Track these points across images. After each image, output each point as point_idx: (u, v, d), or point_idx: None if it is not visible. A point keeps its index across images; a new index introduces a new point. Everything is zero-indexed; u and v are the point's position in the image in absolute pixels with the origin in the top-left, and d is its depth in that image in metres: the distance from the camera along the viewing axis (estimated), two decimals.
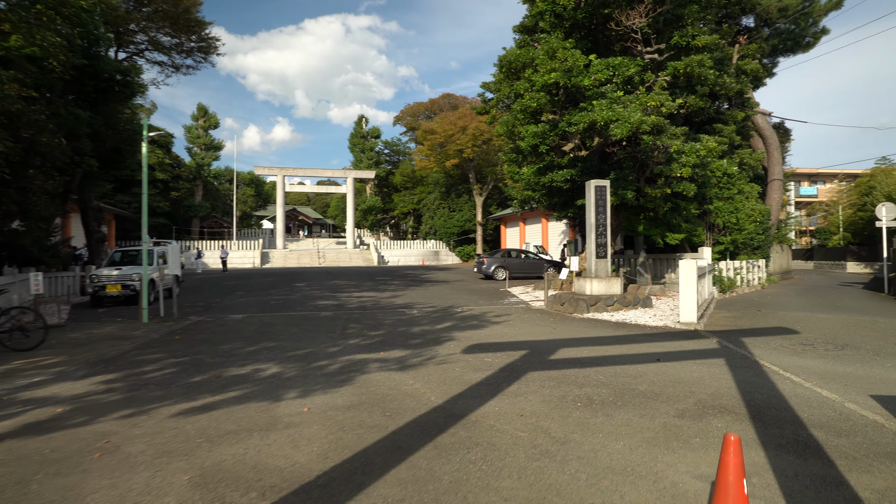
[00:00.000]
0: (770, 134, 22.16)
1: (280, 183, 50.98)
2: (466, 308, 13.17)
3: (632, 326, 9.89)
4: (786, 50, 25.74)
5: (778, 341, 8.09)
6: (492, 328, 9.74)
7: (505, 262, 24.13)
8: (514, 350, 7.51)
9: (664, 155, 13.63)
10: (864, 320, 10.45)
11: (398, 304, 14.30)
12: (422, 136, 49.07)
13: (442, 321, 10.78)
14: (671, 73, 13.05)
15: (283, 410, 4.70)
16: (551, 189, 16.58)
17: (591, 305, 11.95)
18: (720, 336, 8.58)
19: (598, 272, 12.80)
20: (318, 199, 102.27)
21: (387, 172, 63.43)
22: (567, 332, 9.18)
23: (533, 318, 11.15)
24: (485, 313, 12.04)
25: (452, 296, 16.54)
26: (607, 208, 12.83)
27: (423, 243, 53.01)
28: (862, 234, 37.60)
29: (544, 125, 14.69)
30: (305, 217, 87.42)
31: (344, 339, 8.66)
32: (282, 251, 48.71)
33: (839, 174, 51.90)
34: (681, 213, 15.06)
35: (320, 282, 22.77)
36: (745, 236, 17.91)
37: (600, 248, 12.82)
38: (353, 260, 48.30)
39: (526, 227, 41.97)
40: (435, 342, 8.27)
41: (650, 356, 7.01)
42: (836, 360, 6.77)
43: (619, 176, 14.12)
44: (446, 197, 53.56)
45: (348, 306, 13.68)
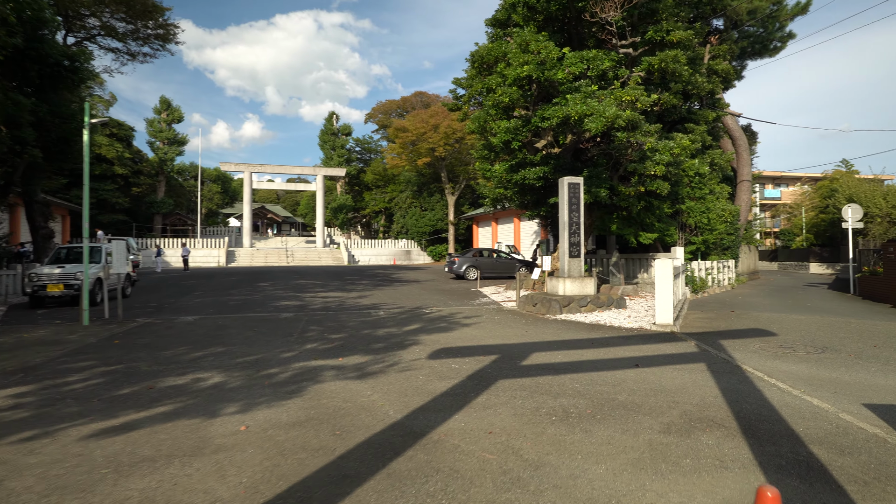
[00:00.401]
0: (740, 135, 22.30)
1: (247, 180, 49.56)
2: (436, 309, 12.63)
3: (607, 328, 9.50)
4: (754, 53, 26.02)
5: (757, 344, 7.80)
6: (461, 331, 9.23)
7: (476, 262, 23.68)
8: (484, 355, 7.00)
9: (638, 153, 13.35)
10: (837, 321, 10.32)
11: (365, 304, 13.66)
12: (393, 133, 48.35)
13: (409, 323, 10.21)
14: (645, 69, 12.77)
15: (217, 429, 4.07)
16: (524, 187, 16.18)
17: (564, 306, 11.55)
18: (697, 338, 8.25)
19: (571, 272, 12.42)
20: (288, 197, 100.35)
21: (358, 170, 62.41)
22: (540, 335, 8.72)
23: (504, 320, 10.68)
24: (454, 314, 11.52)
25: (422, 296, 15.97)
26: (581, 206, 12.47)
27: (395, 242, 52.30)
28: (824, 235, 38.52)
29: (517, 121, 14.27)
30: (274, 215, 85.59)
31: (301, 343, 8.01)
32: (248, 250, 47.33)
33: (802, 177, 53.26)
34: (654, 212, 14.84)
35: (285, 281, 21.91)
36: (715, 236, 17.87)
37: (574, 247, 12.44)
38: (323, 259, 47.27)
39: (498, 226, 41.72)
40: (399, 346, 7.70)
41: (628, 361, 6.59)
42: (818, 364, 6.47)
43: (593, 173, 13.79)
44: (418, 196, 52.95)
45: (311, 307, 12.98)
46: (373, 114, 62.10)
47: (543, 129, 13.71)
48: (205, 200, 66.78)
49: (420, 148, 46.65)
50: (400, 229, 53.52)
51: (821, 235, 38.92)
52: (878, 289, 15.22)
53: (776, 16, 23.52)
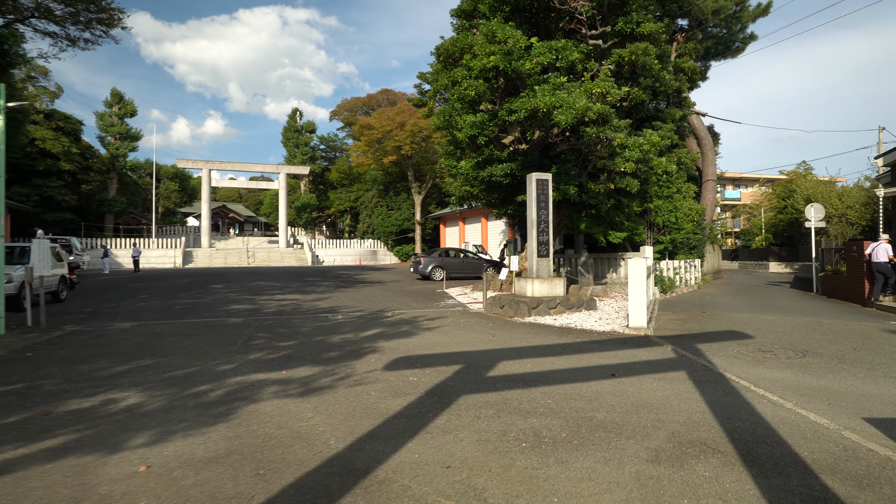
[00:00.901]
0: (705, 135, 22.34)
1: (205, 177, 47.70)
2: (398, 312, 11.91)
3: (578, 332, 8.98)
4: (717, 54, 26.24)
5: (735, 347, 7.38)
6: (423, 336, 8.54)
7: (443, 262, 23.04)
8: (447, 364, 6.33)
9: (607, 149, 12.95)
10: (809, 322, 10.08)
11: (322, 307, 12.83)
12: (359, 131, 47.31)
13: (367, 328, 9.46)
14: (615, 62, 12.36)
15: (109, 471, 3.27)
16: (490, 184, 15.63)
17: (533, 308, 11.00)
18: (673, 342, 7.79)
19: (539, 272, 11.90)
20: (251, 196, 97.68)
21: (322, 169, 60.98)
22: (508, 341, 8.12)
23: (470, 324, 10.05)
24: (417, 318, 10.82)
25: (385, 298, 15.22)
26: (549, 204, 11.96)
27: (361, 242, 51.24)
28: (782, 235, 39.45)
29: (483, 115, 13.68)
30: (236, 215, 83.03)
31: (245, 352, 7.18)
32: (207, 250, 45.53)
33: (760, 179, 54.69)
34: (623, 210, 14.49)
35: (242, 283, 20.79)
36: (683, 236, 17.72)
37: (542, 246, 11.92)
38: (286, 260, 45.87)
39: (465, 226, 41.21)
40: (354, 355, 6.96)
41: (603, 370, 6.03)
42: (803, 370, 6.06)
43: (562, 170, 13.32)
44: (384, 195, 52.02)
45: (264, 311, 12.08)
46: (338, 111, 60.72)
47: (511, 123, 13.17)
48: (161, 199, 64.22)
49: (386, 146, 45.78)
50: (366, 229, 52.48)
51: (779, 235, 39.86)
52: (840, 287, 15.28)
53: (739, 16, 23.71)
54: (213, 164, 48.33)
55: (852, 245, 14.52)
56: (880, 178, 17.65)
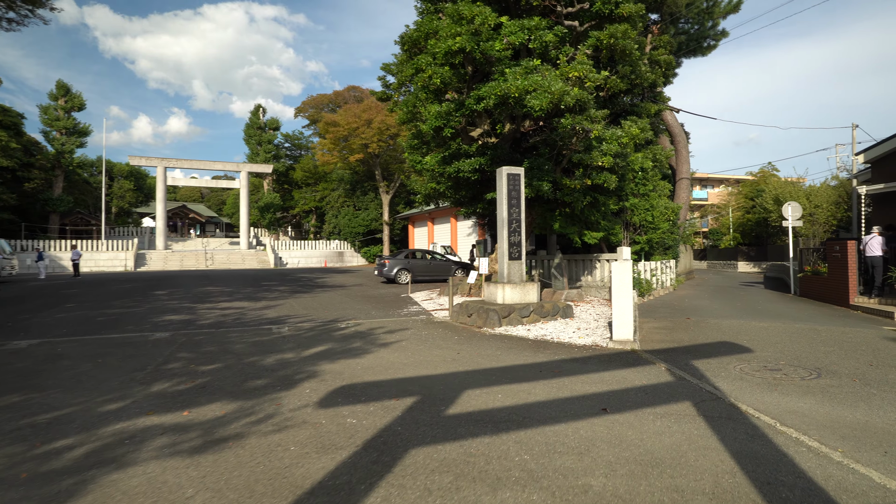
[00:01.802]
0: (679, 132, 21.70)
1: (160, 175, 45.34)
2: (354, 322, 10.61)
3: (555, 346, 7.86)
4: (689, 51, 25.74)
5: (736, 364, 6.37)
6: (377, 354, 7.28)
7: (409, 264, 21.77)
8: (399, 396, 5.10)
9: (583, 142, 11.92)
10: (803, 329, 9.21)
11: (269, 318, 11.42)
12: (324, 128, 45.60)
13: (314, 344, 8.14)
14: (593, 45, 11.34)
15: None
16: (458, 181, 14.47)
17: (504, 317, 9.85)
18: (665, 359, 6.74)
19: (511, 277, 10.77)
20: (213, 195, 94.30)
21: (287, 168, 58.86)
22: (475, 359, 6.93)
23: (433, 336, 8.83)
24: (374, 330, 9.55)
25: (343, 305, 13.87)
26: (521, 201, 10.84)
27: (327, 244, 49.49)
28: (750, 235, 39.55)
29: (449, 104, 12.48)
30: (197, 215, 79.77)
31: (150, 381, 5.79)
32: (162, 252, 43.17)
33: (728, 179, 55.16)
34: (600, 208, 13.51)
35: (190, 289, 19.09)
36: (659, 235, 16.91)
37: (514, 247, 10.80)
38: (247, 262, 43.84)
39: (435, 226, 40.02)
40: (286, 384, 5.66)
41: (591, 402, 4.90)
42: (827, 397, 5.05)
43: (535, 164, 12.24)
44: (351, 195, 50.40)
45: (200, 323, 10.60)
46: (303, 108, 58.64)
47: (479, 113, 12.02)
48: (115, 199, 61.00)
49: (352, 144, 44.23)
50: (332, 230, 50.73)
51: (747, 235, 39.96)
52: (820, 289, 14.66)
53: (711, 11, 23.20)
54: (169, 161, 45.96)
55: (833, 245, 13.88)
56: (858, 176, 17.23)
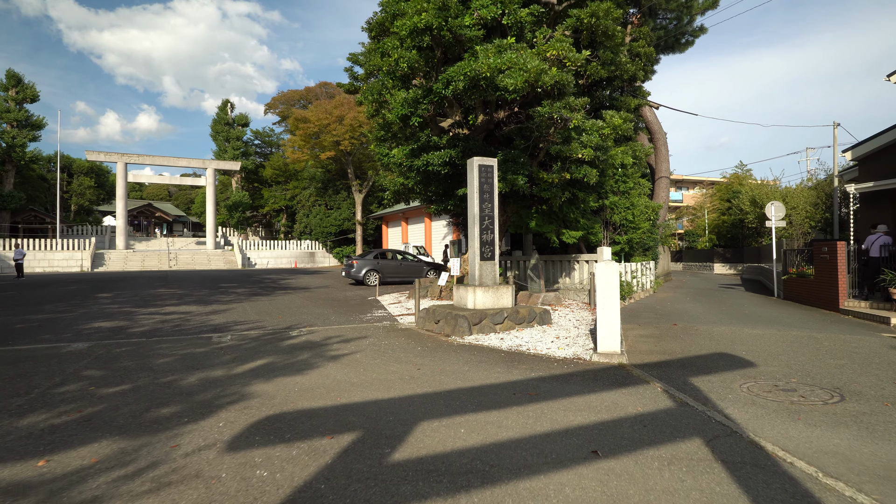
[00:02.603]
0: (658, 129, 21.03)
1: (121, 171, 43.28)
2: (308, 330, 9.45)
3: (531, 359, 6.85)
4: (666, 47, 25.19)
5: (742, 382, 5.45)
6: (323, 371, 6.17)
7: (378, 265, 20.62)
8: (335, 432, 4.01)
9: (562, 132, 10.99)
10: (801, 337, 8.41)
11: (214, 324, 10.18)
12: (294, 124, 44.07)
13: (254, 357, 6.98)
14: (573, 26, 10.42)
15: None
16: (427, 175, 13.41)
17: (475, 324, 8.82)
18: (659, 376, 5.79)
19: (483, 279, 9.74)
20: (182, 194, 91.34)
21: (257, 165, 56.98)
22: (437, 377, 5.88)
23: (393, 347, 7.74)
24: (328, 339, 8.41)
25: (302, 309, 12.68)
26: (494, 196, 9.84)
27: (298, 243, 47.89)
28: (726, 237, 39.40)
29: (416, 90, 11.43)
30: (164, 214, 76.94)
31: (23, 412, 4.58)
32: (122, 252, 41.12)
33: (703, 181, 55.32)
34: (579, 206, 12.60)
35: (140, 290, 17.60)
36: (640, 235, 16.12)
37: (486, 247, 9.78)
38: (213, 262, 42.05)
39: (409, 226, 38.89)
40: (199, 413, 4.51)
41: (577, 439, 3.88)
42: (864, 428, 4.13)
43: (509, 157, 11.26)
44: (323, 193, 48.88)
45: (131, 331, 9.31)
46: (273, 104, 56.94)
47: (449, 99, 10.99)
48: (74, 196, 58.28)
49: (324, 141, 42.83)
50: (303, 229, 49.16)
51: (723, 237, 39.81)
52: (807, 292, 14.03)
53: (689, 6, 22.63)
54: (130, 157, 43.89)
55: (821, 246, 13.25)
56: (843, 174, 16.75)
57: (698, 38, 25.02)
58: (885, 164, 12.99)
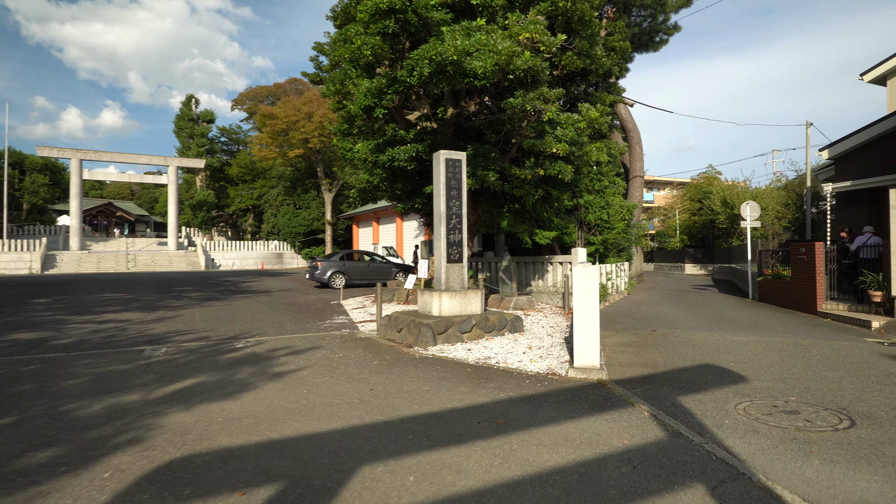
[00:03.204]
0: (633, 127, 20.63)
1: (75, 168, 41.29)
2: (256, 340, 8.53)
3: (501, 375, 6.10)
4: (640, 45, 24.88)
5: (737, 402, 4.80)
6: (259, 393, 5.30)
7: (344, 267, 19.68)
8: (251, 485, 3.18)
9: (535, 126, 10.31)
10: (785, 344, 7.88)
11: (151, 334, 9.16)
12: (261, 120, 42.63)
13: (183, 376, 6.06)
14: (547, 11, 9.73)
15: None
16: (393, 172, 12.59)
17: (440, 333, 8.04)
18: (645, 396, 5.10)
19: (450, 283, 8.97)
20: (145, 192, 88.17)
21: (223, 163, 55.09)
22: (391, 400, 5.08)
23: (348, 361, 6.90)
24: (276, 352, 7.52)
25: (257, 315, 11.71)
26: (463, 192, 9.08)
27: (266, 244, 46.37)
28: (697, 237, 39.56)
29: (380, 79, 10.60)
30: (126, 213, 74.01)
31: None
32: (76, 253, 39.08)
33: (672, 182, 55.75)
34: (552, 204, 11.95)
35: (83, 295, 16.28)
36: (614, 236, 15.60)
37: (453, 248, 9.01)
38: (174, 264, 40.30)
39: (380, 226, 37.91)
40: (85, 457, 3.62)
41: (554, 488, 3.13)
42: (885, 464, 3.49)
43: (479, 152, 10.53)
44: (292, 192, 47.50)
45: (52, 344, 8.23)
46: (240, 100, 55.09)
47: (414, 88, 10.19)
48: (27, 194, 55.41)
49: (292, 138, 41.56)
50: (271, 230, 47.69)
51: (694, 237, 39.97)
52: (783, 294, 13.70)
53: (664, 3, 22.32)
54: (85, 153, 41.89)
55: (799, 247, 12.91)
56: (819, 173, 16.55)
57: (672, 37, 24.82)
58: (863, 162, 12.72)
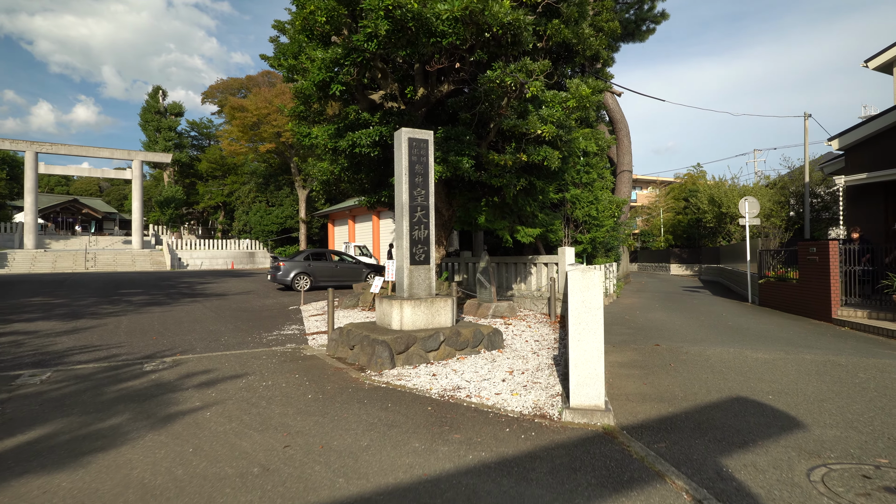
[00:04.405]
0: (621, 118, 19.29)
1: (30, 161, 38.81)
2: (174, 360, 6.86)
3: (471, 419, 4.54)
4: (626, 34, 23.66)
5: (808, 468, 3.35)
6: (125, 453, 3.68)
7: (309, 268, 17.97)
8: None
9: (517, 105, 8.80)
10: (821, 363, 6.48)
11: (48, 351, 7.42)
12: (230, 113, 40.60)
13: (36, 420, 4.39)
14: None
15: None
16: (356, 160, 10.99)
17: (399, 353, 6.46)
18: (673, 457, 3.61)
19: (414, 289, 7.40)
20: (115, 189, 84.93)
21: (192, 158, 52.68)
22: (306, 470, 3.50)
23: (274, 394, 5.29)
24: (188, 379, 5.87)
25: (194, 325, 10.01)
26: (430, 179, 7.52)
27: (238, 243, 44.21)
28: (682, 237, 38.58)
29: (335, 48, 8.99)
30: (92, 211, 70.78)
31: None
32: (31, 252, 36.69)
33: (656, 181, 54.92)
34: (537, 197, 10.45)
35: (6, 300, 14.32)
36: (604, 234, 14.19)
37: (418, 246, 7.44)
38: (138, 263, 38.05)
39: (356, 225, 36.15)
40: None
41: None
42: None
43: (451, 134, 8.99)
44: (264, 189, 45.47)
45: None
46: (211, 92, 52.75)
47: (374, 56, 8.62)
48: None
49: (263, 132, 39.62)
50: (242, 227, 45.55)
51: (679, 237, 39.01)
52: (789, 298, 12.41)
53: None
54: (41, 145, 39.39)
55: (808, 247, 11.63)
56: (825, 166, 15.37)
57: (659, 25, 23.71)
58: (879, 152, 11.48)
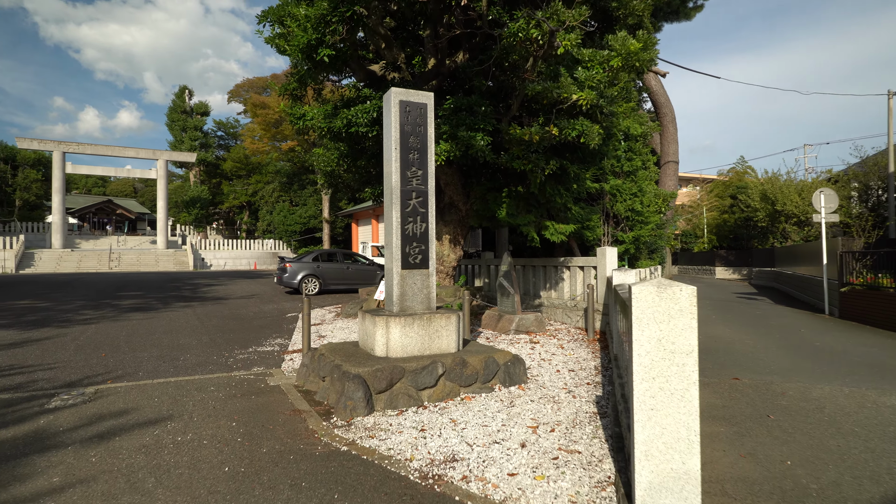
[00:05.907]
0: (666, 101, 17.07)
1: (57, 161, 39.02)
2: (95, 391, 5.25)
3: None
4: (670, 13, 21.35)
5: None
6: None
7: (318, 270, 16.42)
8: None
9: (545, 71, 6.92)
10: None
11: None
12: (252, 110, 39.72)
13: None
14: None
15: None
16: (356, 144, 9.30)
17: (381, 391, 4.66)
18: None
19: (406, 301, 5.60)
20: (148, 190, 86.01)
21: (218, 158, 52.30)
22: None
23: (173, 467, 3.57)
24: (83, 426, 4.21)
25: (164, 338, 8.46)
26: (429, 155, 5.71)
27: (262, 243, 43.38)
28: (728, 237, 35.63)
29: (322, 3, 7.30)
30: (126, 211, 71.59)
31: None
32: (57, 252, 36.72)
33: (696, 178, 51.75)
34: (570, 185, 8.51)
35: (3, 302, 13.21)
36: (649, 232, 12.10)
37: (413, 244, 5.64)
38: (161, 263, 37.57)
39: (380, 224, 34.61)
40: None
41: None
42: None
43: (464, 104, 7.16)
44: (288, 188, 44.51)
45: None
46: (236, 91, 52.20)
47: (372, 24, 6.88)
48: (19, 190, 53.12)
49: (285, 129, 38.57)
50: (266, 227, 44.73)
51: (724, 237, 36.06)
52: (884, 312, 10.10)
53: None
54: (68, 145, 39.47)
55: None
56: None
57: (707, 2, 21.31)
58: None
